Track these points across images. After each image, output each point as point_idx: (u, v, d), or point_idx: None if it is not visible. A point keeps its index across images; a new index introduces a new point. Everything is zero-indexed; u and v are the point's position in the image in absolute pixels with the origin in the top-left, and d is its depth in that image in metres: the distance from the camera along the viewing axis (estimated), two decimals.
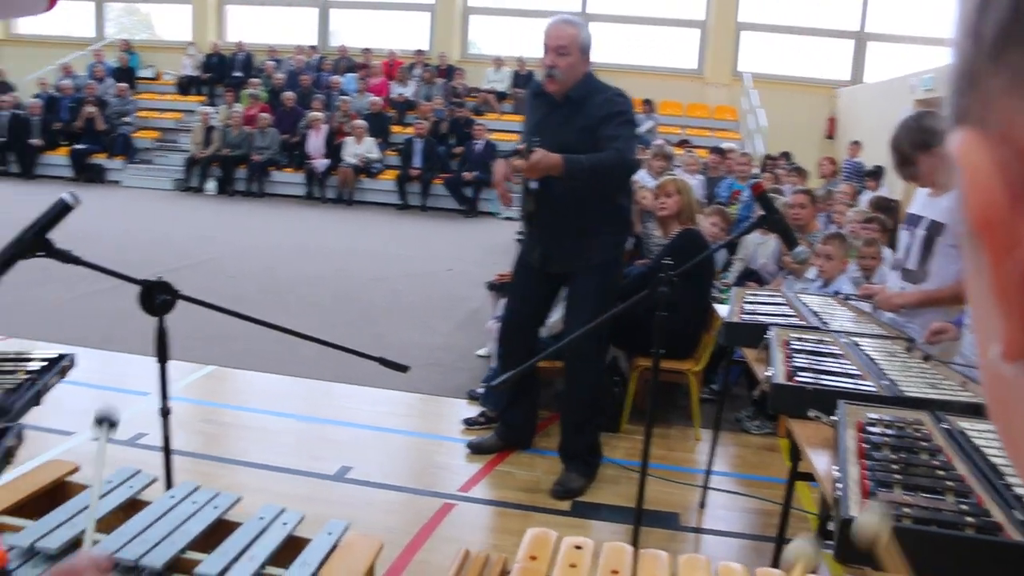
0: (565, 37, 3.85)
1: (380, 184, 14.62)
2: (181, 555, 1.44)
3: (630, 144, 3.88)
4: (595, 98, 3.89)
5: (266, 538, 1.51)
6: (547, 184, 3.87)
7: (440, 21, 16.97)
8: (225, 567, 1.39)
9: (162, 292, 2.53)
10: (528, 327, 4.32)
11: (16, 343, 5.82)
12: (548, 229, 4.02)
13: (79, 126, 15.88)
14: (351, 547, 1.50)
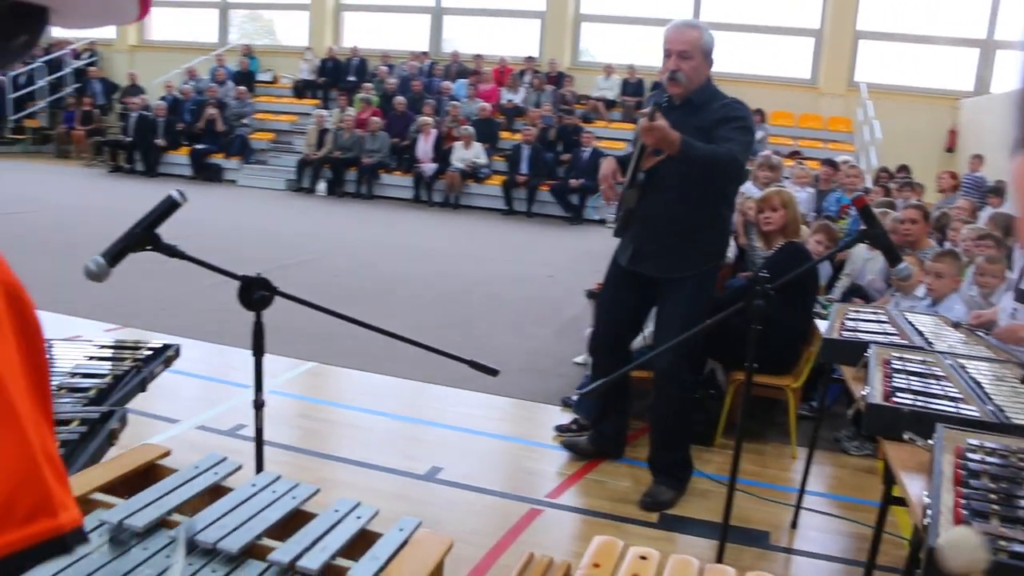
0: (688, 41, 3.82)
1: (487, 189, 14.76)
2: (257, 541, 1.48)
3: (744, 149, 3.81)
4: (714, 104, 3.86)
5: (339, 530, 1.53)
6: (653, 181, 3.84)
7: (551, 28, 17.03)
8: (297, 555, 1.42)
9: (260, 288, 2.60)
10: (619, 334, 4.29)
11: (130, 332, 6.08)
12: (645, 227, 3.98)
13: (200, 127, 16.54)
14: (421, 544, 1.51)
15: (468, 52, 17.34)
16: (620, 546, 1.49)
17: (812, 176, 9.23)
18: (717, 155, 3.63)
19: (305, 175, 15.58)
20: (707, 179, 3.75)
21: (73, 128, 17.94)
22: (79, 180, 15.17)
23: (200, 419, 4.67)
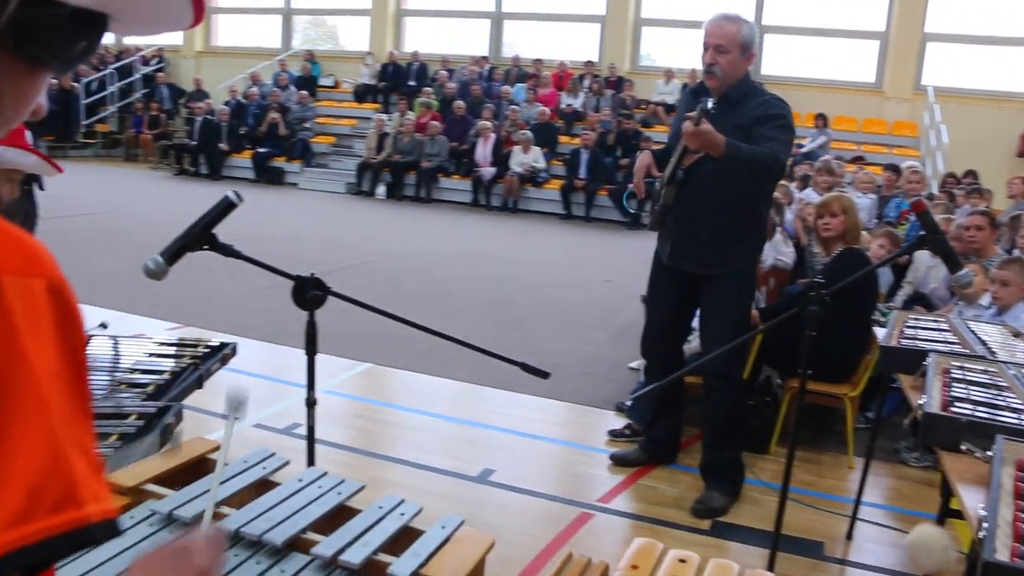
0: (725, 35, 3.78)
1: (545, 193, 14.75)
2: (301, 535, 1.50)
3: (785, 148, 3.78)
4: (752, 100, 3.82)
5: (382, 526, 1.55)
6: (691, 178, 3.82)
7: (610, 32, 16.97)
8: (340, 549, 1.44)
9: (313, 288, 2.63)
10: (667, 331, 4.27)
11: (191, 331, 6.19)
12: (683, 224, 3.96)
13: (263, 131, 16.81)
14: (463, 541, 1.52)
15: (528, 57, 17.36)
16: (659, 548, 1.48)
17: (875, 182, 9.07)
18: (760, 156, 3.62)
19: (365, 179, 15.73)
20: (747, 178, 3.73)
21: (141, 132, 18.37)
22: (146, 183, 15.52)
23: (256, 417, 4.74)
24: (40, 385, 0.59)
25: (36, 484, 0.57)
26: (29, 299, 0.61)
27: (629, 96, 15.82)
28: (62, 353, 0.63)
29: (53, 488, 0.58)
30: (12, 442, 0.57)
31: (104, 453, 2.24)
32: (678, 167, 3.85)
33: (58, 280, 0.64)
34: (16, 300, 0.59)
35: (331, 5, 20.11)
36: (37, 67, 0.72)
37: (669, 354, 4.26)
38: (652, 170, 4.03)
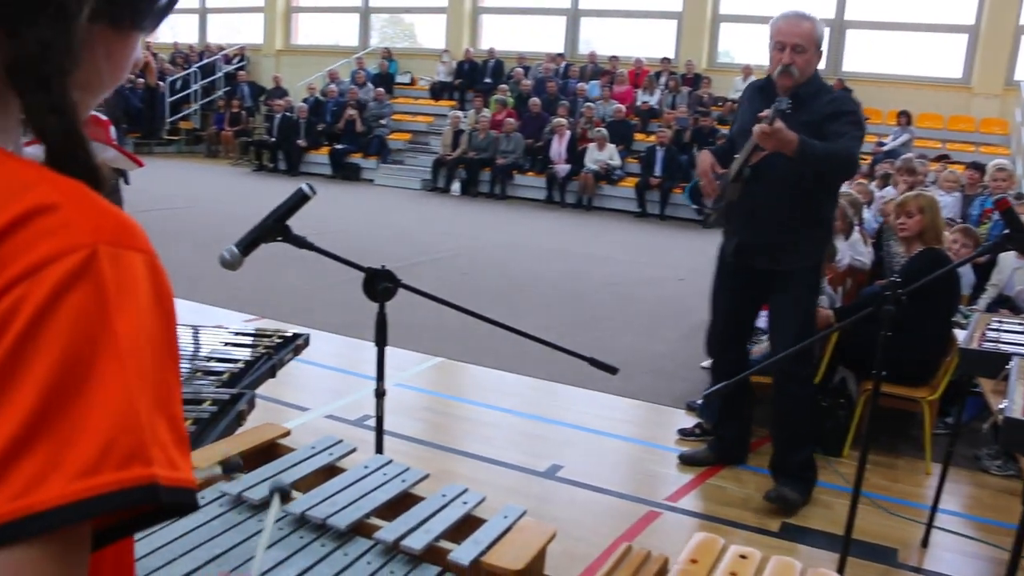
0: (802, 33, 3.72)
1: (620, 191, 14.69)
2: (365, 520, 1.53)
3: (857, 144, 3.72)
4: (822, 97, 3.78)
5: (445, 514, 1.57)
6: (758, 174, 3.77)
7: (688, 29, 16.79)
8: (402, 535, 1.46)
9: (384, 280, 2.66)
10: (732, 329, 4.22)
11: (268, 323, 6.32)
12: (749, 221, 3.90)
13: (340, 128, 17.07)
14: (524, 531, 1.52)
15: (604, 54, 17.29)
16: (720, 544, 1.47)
17: (959, 180, 8.81)
18: (834, 153, 3.58)
19: (440, 175, 15.86)
20: (818, 174, 3.67)
21: (222, 129, 18.82)
22: (226, 178, 15.89)
23: (329, 408, 4.83)
24: (121, 349, 0.62)
25: (107, 440, 0.59)
26: (122, 268, 0.63)
27: (706, 93, 15.63)
28: (154, 323, 0.65)
29: (123, 445, 0.60)
30: (91, 398, 0.60)
31: None
32: (745, 164, 3.80)
33: (151, 255, 0.67)
34: (108, 268, 0.62)
35: (408, 3, 20.31)
36: (129, 31, 0.76)
37: (734, 353, 4.21)
38: (715, 168, 3.98)
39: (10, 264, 0.60)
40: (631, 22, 17.78)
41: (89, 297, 0.61)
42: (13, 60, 0.66)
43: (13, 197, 0.63)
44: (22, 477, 0.57)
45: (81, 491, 0.58)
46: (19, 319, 0.59)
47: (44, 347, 0.59)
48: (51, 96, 0.67)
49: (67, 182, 0.67)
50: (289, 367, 3.66)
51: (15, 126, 0.72)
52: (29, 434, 0.58)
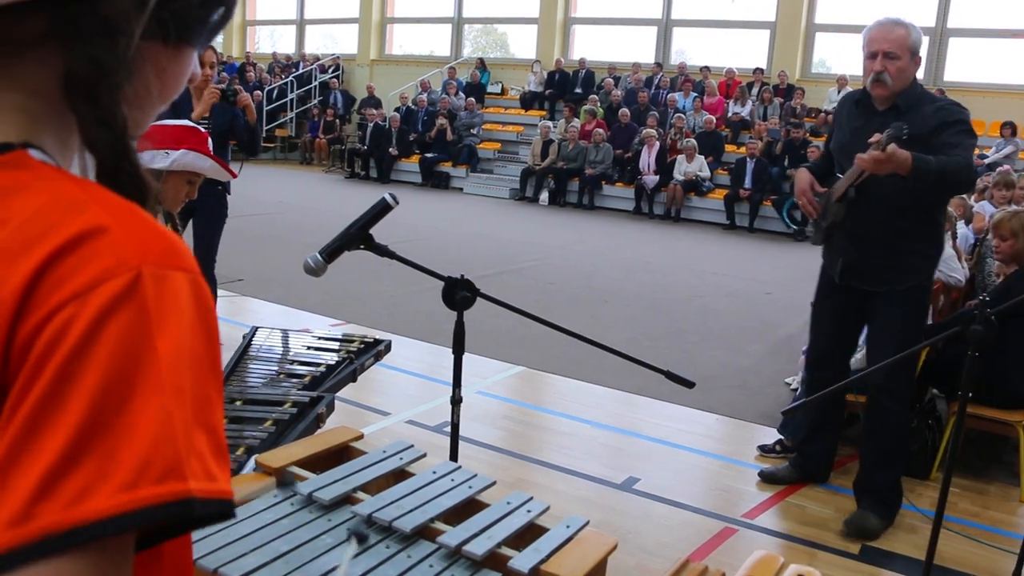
0: (895, 40, 3.60)
1: (709, 203, 14.54)
2: (430, 524, 1.56)
3: (971, 155, 3.55)
4: (924, 108, 3.60)
5: (508, 521, 1.59)
6: (863, 193, 3.67)
7: (781, 39, 16.52)
8: (464, 540, 1.49)
9: (463, 289, 2.69)
10: (835, 348, 4.11)
11: (354, 328, 6.45)
12: (854, 239, 3.79)
13: (431, 137, 17.31)
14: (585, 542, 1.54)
15: (695, 64, 17.15)
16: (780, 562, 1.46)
17: None
18: (951, 167, 3.37)
19: (529, 184, 15.94)
20: (931, 191, 3.53)
21: (316, 137, 19.28)
22: (319, 185, 16.24)
23: (409, 414, 4.90)
24: (162, 368, 0.65)
25: (146, 456, 0.62)
26: (165, 288, 0.66)
27: (799, 104, 15.37)
28: (195, 340, 0.68)
29: (161, 461, 0.63)
30: (132, 416, 0.63)
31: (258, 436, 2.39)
32: (851, 185, 3.70)
33: (195, 274, 0.70)
34: (151, 288, 0.65)
35: (501, 14, 20.48)
36: (181, 48, 0.79)
37: (834, 372, 4.10)
38: (815, 186, 3.90)
39: (61, 285, 0.64)
40: (723, 32, 17.60)
41: (133, 318, 0.64)
42: (67, 77, 0.70)
43: (65, 218, 0.66)
44: (70, 490, 0.60)
45: (122, 505, 0.61)
46: (67, 340, 0.63)
47: (90, 367, 0.62)
48: (100, 110, 0.70)
49: (116, 202, 0.70)
50: (373, 371, 3.74)
51: (75, 142, 0.75)
52: (76, 450, 0.61)
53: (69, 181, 0.71)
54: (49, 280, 0.64)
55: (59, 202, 0.68)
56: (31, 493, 0.60)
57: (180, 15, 0.75)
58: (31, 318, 0.63)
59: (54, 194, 0.69)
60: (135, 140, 0.75)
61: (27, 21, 0.69)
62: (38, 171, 0.71)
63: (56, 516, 0.60)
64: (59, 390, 0.62)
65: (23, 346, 0.63)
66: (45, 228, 0.66)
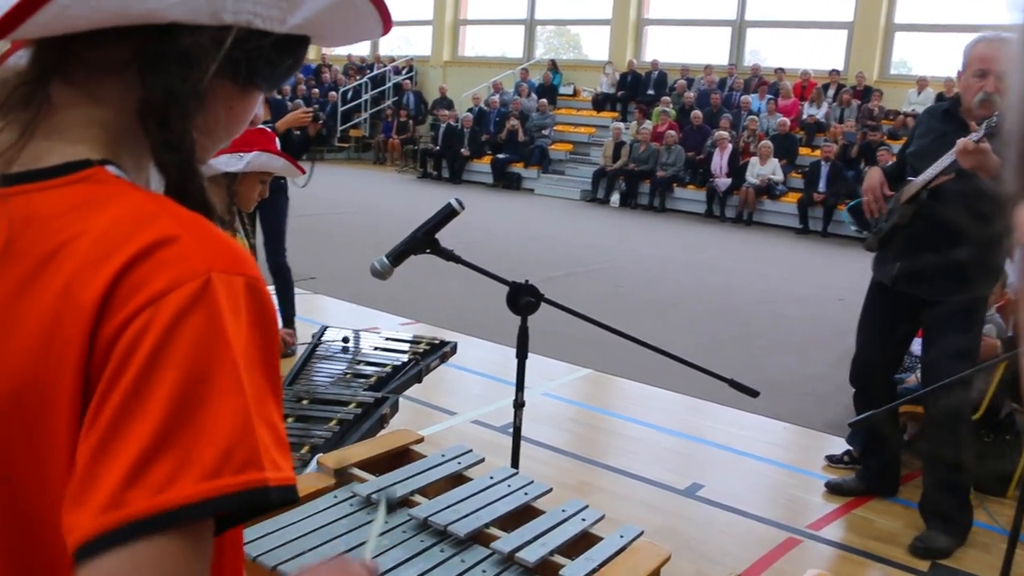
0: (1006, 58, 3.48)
1: (781, 206, 14.32)
2: (484, 529, 1.58)
3: None
4: None
5: (563, 529, 1.60)
6: (936, 195, 3.59)
7: (859, 39, 16.17)
8: (518, 546, 1.50)
9: (527, 294, 2.71)
10: (880, 360, 4.03)
11: (422, 328, 6.53)
12: (916, 245, 3.69)
13: (502, 138, 17.38)
14: (638, 552, 1.54)
15: (769, 65, 16.92)
16: None
17: None
18: None
19: (600, 186, 15.90)
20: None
21: (389, 137, 19.51)
22: (391, 185, 16.43)
23: (475, 414, 4.94)
24: (238, 365, 0.70)
25: (227, 447, 0.68)
26: (232, 292, 0.72)
27: (877, 106, 15.03)
28: (255, 341, 0.73)
29: (240, 452, 0.69)
30: (210, 410, 0.68)
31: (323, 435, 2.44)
32: (926, 187, 3.62)
33: (256, 278, 0.75)
34: (222, 293, 0.71)
35: (574, 15, 20.47)
36: (249, 89, 0.85)
37: (880, 382, 4.03)
38: (884, 188, 3.83)
39: (138, 290, 0.69)
40: (799, 32, 17.32)
41: (205, 320, 0.69)
42: (142, 101, 0.76)
43: (139, 228, 0.72)
44: (157, 478, 0.66)
45: (206, 491, 0.67)
46: (146, 341, 0.68)
47: (169, 366, 0.68)
48: (170, 134, 0.76)
49: (185, 214, 0.75)
50: (440, 371, 3.78)
51: (148, 161, 0.81)
52: (160, 441, 0.66)
53: (142, 195, 0.76)
54: (126, 285, 0.69)
55: (133, 214, 0.73)
56: (121, 481, 0.65)
57: (252, 57, 0.80)
58: (112, 320, 0.69)
59: (129, 206, 0.74)
60: (203, 164, 0.80)
61: (114, 47, 0.76)
62: (115, 186, 0.76)
63: (145, 502, 0.65)
64: (142, 388, 0.67)
65: (106, 346, 0.69)
66: (122, 238, 0.71)
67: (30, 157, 0.77)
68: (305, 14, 0.80)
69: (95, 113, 0.79)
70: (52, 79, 0.78)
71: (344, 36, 0.88)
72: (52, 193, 0.75)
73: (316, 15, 0.80)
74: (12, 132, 0.77)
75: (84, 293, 0.70)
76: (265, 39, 0.79)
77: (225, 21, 0.76)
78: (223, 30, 0.76)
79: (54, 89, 0.78)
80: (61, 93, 0.78)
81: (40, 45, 0.78)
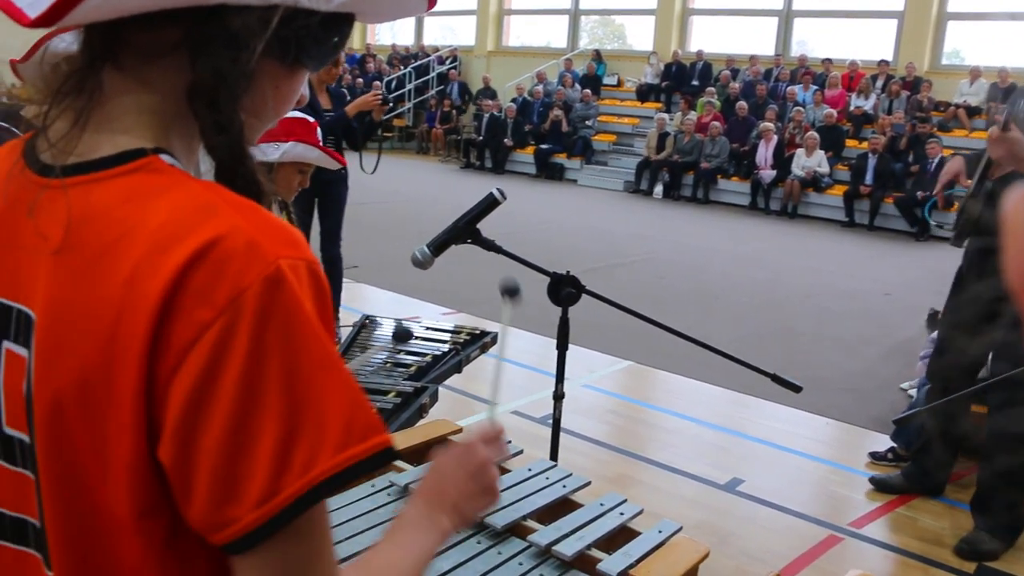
0: None
1: (827, 199, 14.13)
2: (522, 521, 1.57)
3: None
4: None
5: (600, 523, 1.59)
6: (1007, 183, 3.49)
7: (909, 29, 15.87)
8: (555, 540, 1.50)
9: (568, 286, 2.70)
10: (960, 360, 3.94)
11: (464, 318, 6.54)
12: (985, 238, 3.62)
13: (545, 128, 17.34)
14: (676, 548, 1.53)
15: (816, 56, 16.69)
16: None
17: None
18: None
19: (643, 177, 15.81)
20: None
21: (433, 127, 19.56)
22: (434, 175, 16.47)
23: (515, 404, 4.93)
24: (324, 341, 0.73)
25: (347, 418, 0.72)
26: (299, 275, 0.73)
27: (926, 98, 14.75)
28: (322, 317, 0.75)
29: (359, 420, 0.73)
30: (323, 388, 0.72)
31: None
32: (984, 178, 3.54)
33: (314, 261, 0.76)
34: (293, 276, 0.72)
35: (618, 5, 20.34)
36: (296, 68, 0.85)
37: (961, 380, 3.93)
38: (960, 178, 3.73)
39: (211, 288, 0.70)
40: (847, 22, 17.05)
41: (287, 306, 0.71)
42: (192, 84, 0.77)
43: (200, 219, 0.72)
44: (300, 461, 0.70)
45: (342, 462, 0.72)
46: (239, 340, 0.69)
47: (270, 357, 0.70)
48: (220, 115, 0.76)
49: (243, 202, 0.75)
50: (481, 360, 3.78)
51: (197, 145, 0.82)
52: (290, 430, 0.70)
53: (198, 184, 0.77)
54: (195, 280, 0.70)
55: (193, 204, 0.74)
56: (270, 472, 0.70)
57: (300, 36, 0.80)
58: (184, 318, 0.70)
59: (186, 196, 0.74)
60: (251, 145, 0.81)
61: (163, 30, 0.76)
62: (170, 175, 0.77)
63: (297, 483, 0.70)
64: (254, 383, 0.70)
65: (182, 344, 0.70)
66: (183, 229, 0.71)
67: (85, 147, 0.77)
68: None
69: (146, 99, 0.79)
70: (103, 65, 0.78)
71: (389, 12, 0.88)
72: (109, 184, 0.76)
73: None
74: (66, 121, 0.78)
75: (147, 286, 0.70)
76: (312, 18, 0.79)
77: (272, 0, 0.76)
78: (270, 9, 0.76)
79: (106, 76, 0.79)
80: (113, 80, 0.79)
81: (89, 31, 0.79)
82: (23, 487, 0.81)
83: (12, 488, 0.83)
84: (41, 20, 0.70)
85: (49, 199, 0.77)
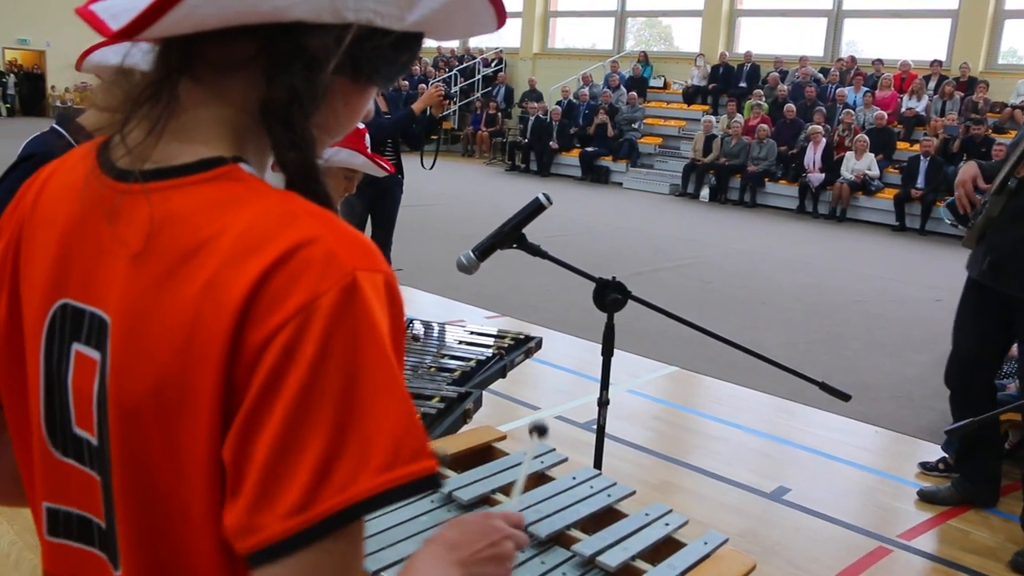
0: None
1: (877, 203, 13.94)
2: (565, 531, 1.56)
3: None
4: None
5: (645, 533, 1.58)
6: None
7: (964, 28, 15.57)
8: (599, 550, 1.48)
9: (614, 291, 2.68)
10: (975, 360, 3.87)
11: (508, 321, 6.54)
12: (1006, 238, 3.55)
13: (591, 131, 17.30)
14: (721, 560, 1.51)
15: (867, 57, 16.45)
16: None
17: None
18: None
19: (690, 180, 15.71)
20: None
21: (478, 130, 19.61)
22: (479, 177, 16.51)
23: (559, 409, 4.92)
24: (392, 360, 0.73)
25: (396, 440, 0.71)
26: (375, 288, 0.73)
27: (981, 99, 14.45)
28: (394, 332, 0.75)
29: (409, 443, 0.72)
30: (379, 406, 0.71)
31: None
32: (1011, 175, 3.48)
33: (390, 274, 0.76)
34: (368, 290, 0.72)
35: (665, 7, 20.23)
36: (366, 85, 0.86)
37: (975, 386, 3.87)
38: (978, 182, 3.68)
39: (288, 294, 0.71)
40: (898, 23, 16.79)
41: (359, 319, 0.72)
42: (266, 101, 0.77)
43: (280, 228, 0.73)
44: (342, 477, 0.69)
45: (384, 483, 0.70)
46: (307, 346, 0.70)
47: (333, 367, 0.70)
48: (293, 134, 0.77)
49: (322, 212, 0.76)
50: (525, 365, 3.77)
51: (267, 157, 0.83)
52: (338, 442, 0.70)
53: (278, 193, 0.78)
54: (273, 287, 0.71)
55: (274, 212, 0.74)
56: (309, 483, 0.69)
57: (372, 55, 0.80)
58: (262, 323, 0.70)
59: (268, 205, 0.75)
60: (320, 159, 0.81)
61: (238, 44, 0.77)
62: (249, 184, 0.78)
63: (334, 500, 0.69)
64: (313, 391, 0.70)
65: (256, 348, 0.70)
66: (264, 237, 0.72)
67: (162, 154, 0.78)
68: (423, 11, 0.80)
69: (221, 112, 0.80)
70: (180, 78, 0.79)
71: (461, 30, 0.89)
72: (190, 190, 0.77)
73: (434, 12, 0.80)
74: (141, 130, 0.79)
75: (228, 292, 0.71)
76: (386, 38, 0.80)
77: (347, 19, 0.76)
78: (345, 28, 0.76)
79: (183, 88, 0.79)
80: (190, 92, 0.80)
81: (166, 44, 0.79)
82: (90, 487, 0.83)
83: (80, 488, 0.84)
84: (124, 32, 0.71)
85: (128, 204, 0.78)
